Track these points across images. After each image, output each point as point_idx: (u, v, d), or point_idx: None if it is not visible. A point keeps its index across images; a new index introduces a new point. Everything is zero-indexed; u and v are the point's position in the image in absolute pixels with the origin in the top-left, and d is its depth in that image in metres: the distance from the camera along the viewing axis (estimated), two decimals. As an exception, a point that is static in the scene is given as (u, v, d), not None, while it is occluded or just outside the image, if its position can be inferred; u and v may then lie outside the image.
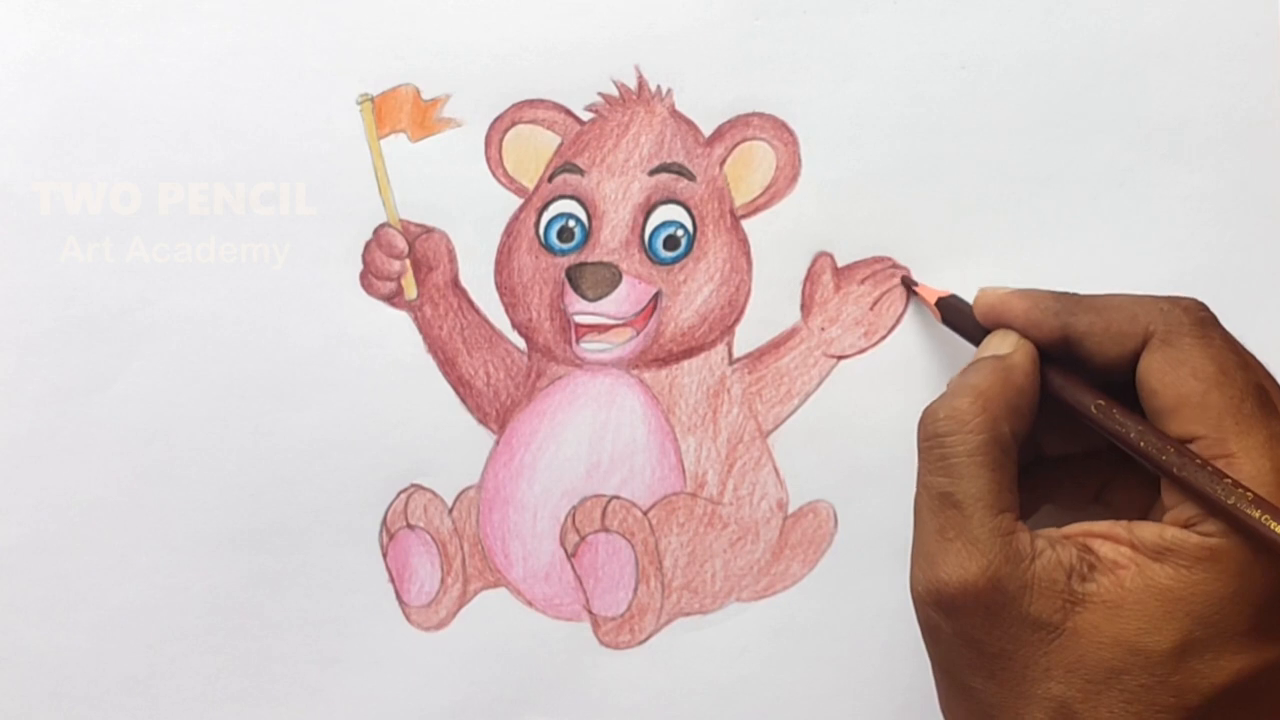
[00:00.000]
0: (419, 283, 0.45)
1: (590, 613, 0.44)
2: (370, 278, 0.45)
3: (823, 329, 0.44)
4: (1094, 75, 0.44)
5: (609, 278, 0.44)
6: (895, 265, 0.44)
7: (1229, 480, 0.33)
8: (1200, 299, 0.37)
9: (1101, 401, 0.37)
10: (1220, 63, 0.44)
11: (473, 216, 0.45)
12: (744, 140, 0.44)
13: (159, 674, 0.45)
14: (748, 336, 0.45)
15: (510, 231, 0.45)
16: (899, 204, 0.44)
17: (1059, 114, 0.44)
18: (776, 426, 0.44)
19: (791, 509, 0.44)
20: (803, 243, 0.44)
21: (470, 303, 0.45)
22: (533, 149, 0.45)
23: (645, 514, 0.44)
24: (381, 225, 0.45)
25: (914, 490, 0.37)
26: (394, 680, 0.45)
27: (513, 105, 0.45)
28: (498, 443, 0.45)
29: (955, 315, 0.42)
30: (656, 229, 0.44)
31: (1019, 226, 0.44)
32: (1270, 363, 0.41)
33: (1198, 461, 0.34)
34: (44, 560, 0.45)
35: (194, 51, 0.45)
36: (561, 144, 0.45)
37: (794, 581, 0.44)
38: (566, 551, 0.45)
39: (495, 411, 0.45)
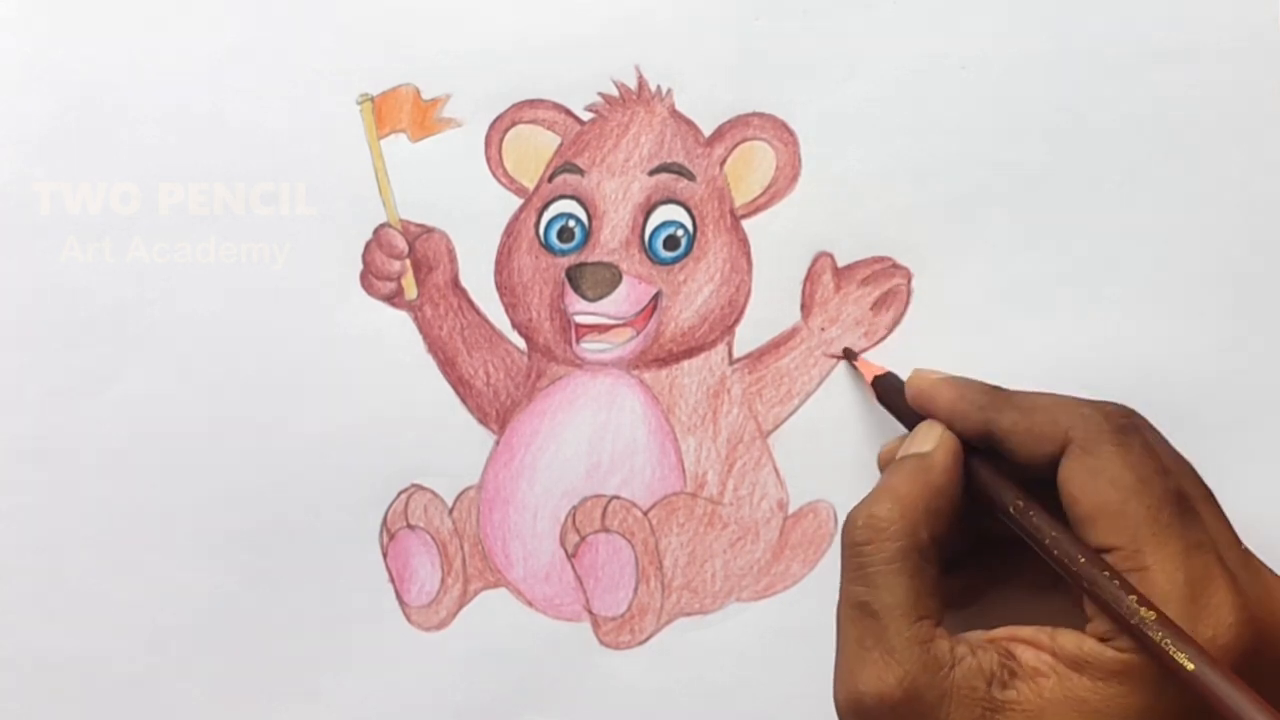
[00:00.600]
0: (419, 283, 0.45)
1: (590, 613, 0.44)
2: (370, 278, 0.45)
3: (823, 329, 0.44)
4: (1094, 75, 0.44)
5: (609, 278, 0.44)
6: (895, 265, 0.44)
7: (1135, 597, 0.33)
8: (1126, 403, 0.37)
9: (1020, 502, 0.36)
10: (1220, 63, 0.44)
11: (473, 216, 0.45)
12: (744, 140, 0.44)
13: (159, 674, 0.45)
14: (748, 336, 0.45)
15: (510, 231, 0.45)
16: (899, 204, 0.44)
17: (1059, 114, 0.44)
18: (776, 426, 0.44)
19: (791, 509, 0.44)
20: (803, 243, 0.44)
21: (470, 303, 0.45)
22: (533, 149, 0.45)
23: (645, 514, 0.44)
24: (381, 225, 0.45)
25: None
26: (394, 680, 0.45)
27: (513, 105, 0.45)
28: (498, 443, 0.45)
29: (890, 395, 0.42)
30: (656, 229, 0.44)
31: (1019, 226, 0.44)
32: (1271, 363, 0.41)
33: (1108, 574, 0.34)
34: (44, 560, 0.45)
35: (194, 51, 0.45)
36: (561, 144, 0.45)
37: (794, 581, 0.44)
38: (566, 551, 0.45)
39: (495, 411, 0.45)
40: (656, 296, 0.44)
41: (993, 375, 0.42)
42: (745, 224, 0.45)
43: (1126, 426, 0.36)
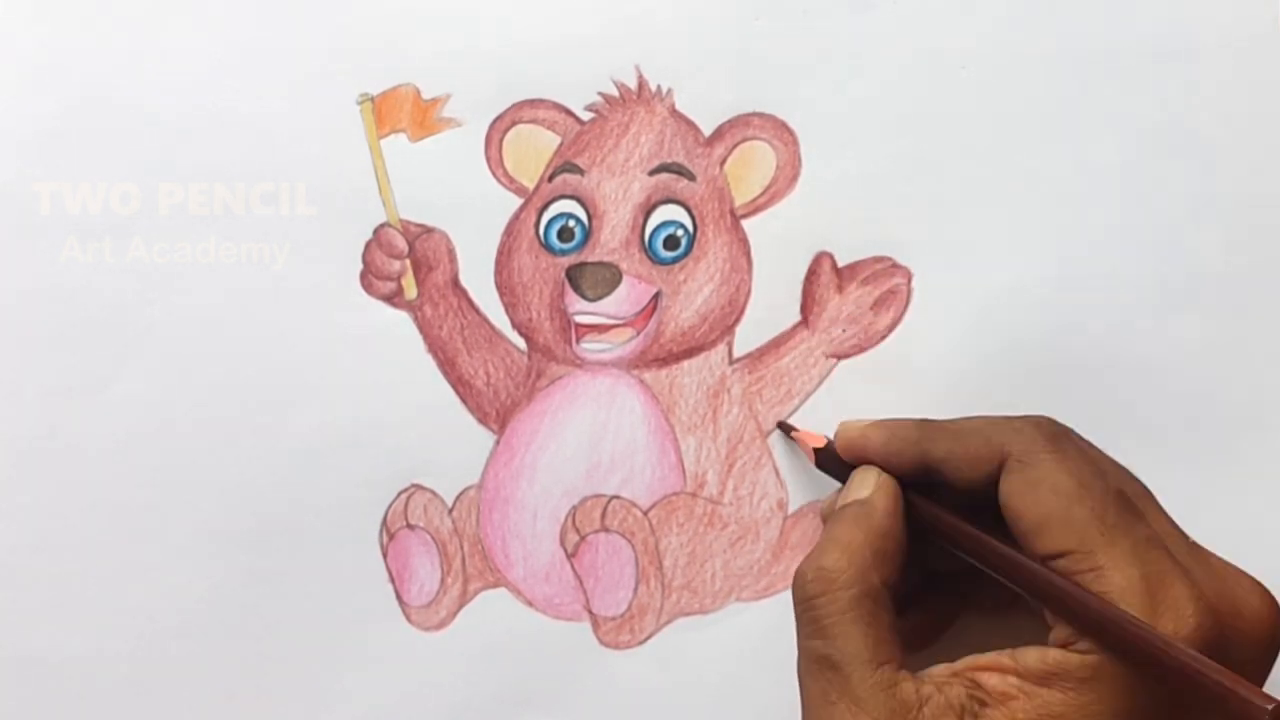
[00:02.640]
0: (419, 283, 0.45)
1: (590, 613, 0.44)
2: (370, 278, 0.45)
3: (823, 329, 0.44)
4: (1094, 75, 0.44)
5: (609, 278, 0.44)
6: (895, 265, 0.44)
7: (1091, 595, 0.33)
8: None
9: (965, 528, 0.37)
10: (1220, 62, 0.44)
11: (473, 216, 0.45)
12: (744, 140, 0.44)
13: (159, 674, 0.45)
14: (748, 336, 0.45)
15: (510, 231, 0.45)
16: (899, 204, 0.44)
17: (1059, 114, 0.44)
18: (777, 426, 0.44)
19: (791, 509, 0.44)
20: (803, 243, 0.44)
21: (470, 303, 0.45)
22: (533, 149, 0.45)
23: (645, 514, 0.44)
24: (381, 225, 0.45)
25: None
26: (394, 680, 0.44)
27: (513, 105, 0.45)
28: (498, 443, 0.45)
29: (831, 461, 0.42)
30: (656, 229, 0.45)
31: (1019, 226, 0.44)
32: (1271, 364, 0.41)
33: (1064, 581, 0.34)
34: (44, 560, 0.45)
35: (194, 51, 0.45)
36: (561, 144, 0.45)
37: (794, 581, 0.44)
38: (566, 551, 0.44)
39: (495, 411, 0.45)
40: (656, 296, 0.44)
41: (992, 374, 0.42)
42: (745, 224, 0.45)
43: (1059, 435, 0.36)
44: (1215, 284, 0.43)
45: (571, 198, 0.45)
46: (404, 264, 0.45)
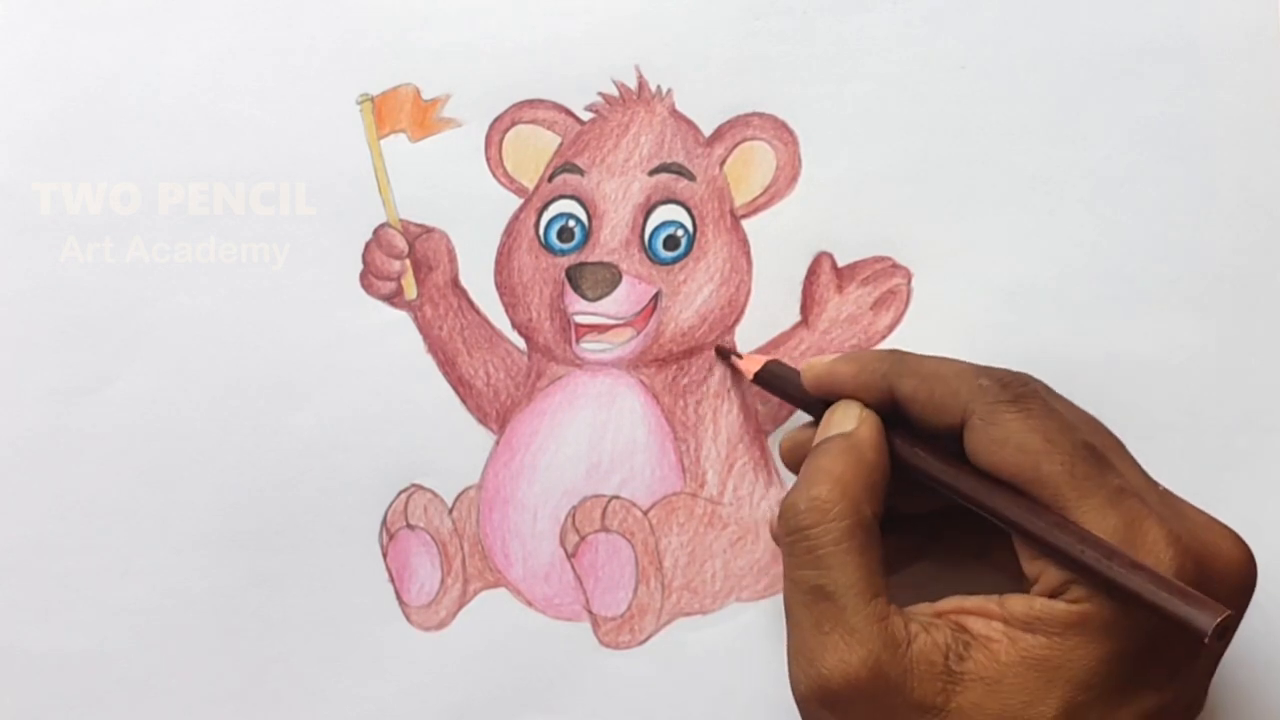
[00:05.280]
0: (419, 283, 0.45)
1: (590, 613, 0.44)
2: (370, 278, 0.45)
3: (823, 329, 0.44)
4: (1094, 75, 0.44)
5: (609, 278, 0.44)
6: (895, 265, 0.44)
7: (1078, 532, 0.33)
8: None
9: (947, 468, 0.37)
10: (1220, 63, 0.44)
11: (473, 216, 0.45)
12: (744, 140, 0.44)
13: (159, 674, 0.45)
14: (748, 336, 0.45)
15: (510, 231, 0.45)
16: (899, 204, 0.44)
17: (1059, 114, 0.44)
18: (777, 426, 0.44)
19: (791, 509, 0.44)
20: (803, 243, 0.44)
21: (470, 303, 0.45)
22: (533, 149, 0.45)
23: (645, 514, 0.44)
24: (381, 225, 0.45)
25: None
26: (394, 680, 0.45)
27: (513, 105, 0.45)
28: (498, 443, 0.45)
29: (777, 381, 0.42)
30: (656, 229, 0.45)
31: (1019, 226, 0.44)
32: (1271, 363, 0.41)
33: (1054, 520, 0.34)
34: (44, 560, 0.45)
35: (194, 51, 0.45)
36: (561, 144, 0.45)
37: (794, 581, 0.44)
38: (566, 551, 0.45)
39: (495, 411, 0.45)
40: (656, 296, 0.45)
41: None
42: (745, 224, 0.45)
43: (1024, 393, 0.36)
44: (1215, 284, 0.43)
45: (571, 198, 0.45)
46: (404, 264, 0.45)
